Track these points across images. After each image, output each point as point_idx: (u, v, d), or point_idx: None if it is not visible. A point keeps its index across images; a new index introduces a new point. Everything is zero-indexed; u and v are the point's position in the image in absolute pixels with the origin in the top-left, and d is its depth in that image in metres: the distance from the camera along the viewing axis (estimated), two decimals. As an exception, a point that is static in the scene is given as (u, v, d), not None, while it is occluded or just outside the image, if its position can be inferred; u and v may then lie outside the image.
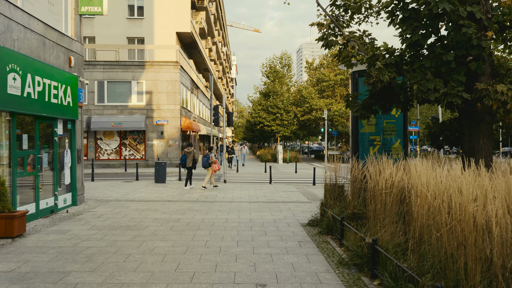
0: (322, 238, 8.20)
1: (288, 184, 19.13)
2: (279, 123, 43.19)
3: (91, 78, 30.64)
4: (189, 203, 12.84)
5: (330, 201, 9.13)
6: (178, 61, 30.81)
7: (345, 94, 8.30)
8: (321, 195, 15.04)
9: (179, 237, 8.19)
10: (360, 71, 11.12)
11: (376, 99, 7.77)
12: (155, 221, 9.86)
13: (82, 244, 7.62)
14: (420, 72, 6.66)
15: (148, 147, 30.88)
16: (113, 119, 30.12)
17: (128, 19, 34.91)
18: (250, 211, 11.42)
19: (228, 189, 16.97)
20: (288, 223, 9.81)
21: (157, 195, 14.85)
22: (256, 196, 14.63)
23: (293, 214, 11.01)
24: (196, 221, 9.89)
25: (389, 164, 6.51)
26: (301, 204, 12.83)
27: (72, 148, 12.26)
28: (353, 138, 11.02)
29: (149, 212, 11.12)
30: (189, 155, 16.87)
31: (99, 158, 31.04)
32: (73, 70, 12.21)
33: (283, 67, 45.36)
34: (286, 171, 29.04)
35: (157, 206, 12.29)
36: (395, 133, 10.66)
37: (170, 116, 30.83)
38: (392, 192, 6.07)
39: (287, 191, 16.18)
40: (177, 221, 9.94)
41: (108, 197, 14.10)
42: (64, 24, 11.88)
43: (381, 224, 6.09)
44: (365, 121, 10.76)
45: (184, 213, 11.09)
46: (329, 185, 9.37)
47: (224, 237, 8.21)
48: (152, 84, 30.80)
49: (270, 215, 10.88)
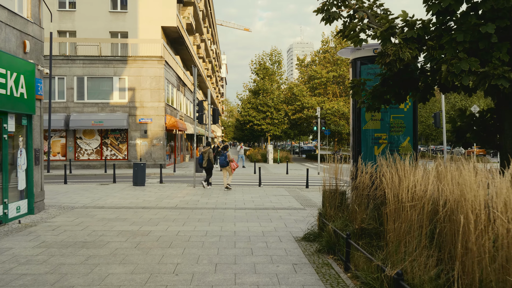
0: (322, 259, 6.60)
1: (279, 187, 17.54)
2: (269, 122, 41.56)
3: (70, 74, 28.86)
4: (166, 211, 11.20)
5: (330, 210, 7.55)
6: (162, 56, 29.08)
7: (350, 80, 6.71)
8: (316, 200, 13.48)
9: (144, 259, 6.56)
10: (363, 58, 9.59)
11: (389, 86, 6.21)
12: (120, 235, 8.21)
13: (16, 270, 5.94)
14: (450, 48, 5.10)
15: (130, 147, 29.13)
16: (93, 117, 28.33)
17: (111, 12, 33.12)
18: (235, 221, 9.80)
19: (213, 193, 15.34)
20: (279, 237, 8.20)
21: (132, 200, 13.17)
22: (243, 202, 13.02)
23: (285, 225, 9.41)
24: (169, 235, 8.26)
25: (413, 169, 4.92)
26: (294, 212, 11.25)
27: (28, 148, 10.55)
28: (354, 136, 9.48)
29: (116, 223, 9.46)
30: (205, 155, 16.13)
31: (79, 159, 29.23)
32: (29, 56, 10.51)
33: (273, 63, 43.66)
34: (276, 172, 27.46)
35: (128, 214, 10.63)
36: (403, 130, 9.13)
37: (154, 114, 29.10)
38: (423, 207, 4.48)
39: (278, 195, 14.58)
40: (146, 234, 8.30)
41: (75, 203, 12.40)
42: (18, 3, 10.17)
43: (405, 249, 4.51)
44: (369, 116, 9.22)
45: (158, 223, 9.44)
46: (328, 191, 7.79)
47: (200, 258, 6.59)
48: (135, 80, 29.04)
49: (258, 226, 9.28)
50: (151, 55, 29.13)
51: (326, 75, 40.88)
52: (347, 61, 41.71)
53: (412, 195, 4.57)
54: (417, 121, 9.49)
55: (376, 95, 6.39)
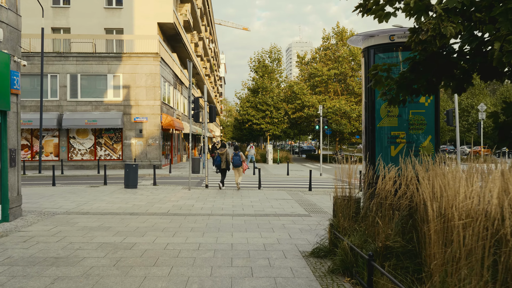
0: (336, 282, 5.48)
1: (280, 190, 16.42)
2: (269, 121, 40.38)
3: (63, 72, 27.74)
4: (156, 217, 10.09)
5: (344, 221, 6.45)
6: (158, 53, 27.95)
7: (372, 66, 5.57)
8: (321, 205, 12.38)
9: (121, 282, 5.44)
10: (377, 46, 8.51)
11: (419, 72, 5.10)
12: (99, 249, 7.10)
13: (-38, 299, 4.86)
14: (505, 22, 4.01)
15: (125, 147, 28.00)
16: (87, 116, 27.20)
17: (106, 8, 32.01)
18: (233, 230, 8.69)
19: (209, 196, 14.24)
20: (284, 251, 7.09)
21: (120, 205, 12.06)
22: (242, 207, 11.92)
23: (289, 236, 8.29)
24: (156, 249, 7.15)
25: (465, 175, 3.80)
26: (299, 219, 10.14)
27: (2, 148, 9.43)
28: (367, 135, 8.38)
29: (98, 233, 8.35)
30: (223, 156, 16.14)
31: (72, 159, 28.09)
32: (3, 46, 9.39)
33: (272, 61, 42.46)
34: (277, 173, 26.35)
35: (114, 222, 9.52)
36: (424, 127, 8.03)
37: (149, 113, 27.98)
38: (483, 228, 3.35)
39: (279, 199, 13.47)
40: (130, 248, 7.19)
41: (58, 209, 11.28)
42: (-11, -15, 9.07)
43: (459, 284, 3.39)
44: (385, 112, 8.14)
45: (145, 233, 8.33)
46: (341, 198, 6.68)
47: (189, 282, 5.47)
48: (130, 77, 27.91)
49: (259, 237, 8.16)
50: (146, 52, 28.02)
51: (327, 72, 39.77)
52: (349, 58, 40.61)
53: (467, 211, 3.46)
54: (439, 118, 8.40)
55: (403, 84, 5.28)
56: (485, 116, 20.19)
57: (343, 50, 40.92)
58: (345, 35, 41.92)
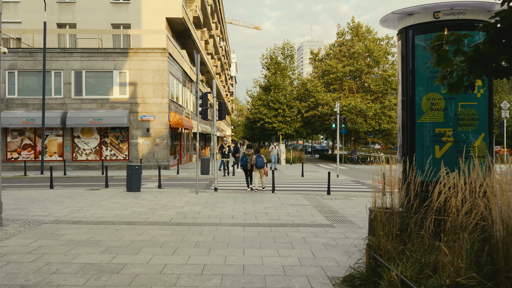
0: (384, 329, 4.09)
1: (295, 193, 14.99)
2: (281, 120, 38.88)
3: (68, 68, 26.63)
4: (155, 228, 8.75)
5: (387, 242, 5.03)
6: (166, 48, 26.69)
7: (436, 37, 4.08)
8: (343, 212, 10.95)
9: (97, 326, 4.11)
10: (417, 26, 7.09)
11: (501, 45, 3.68)
12: (80, 272, 5.75)
13: None
14: None
15: (132, 146, 26.80)
16: (92, 114, 26.05)
17: (113, 3, 30.93)
18: (244, 246, 7.30)
19: (218, 200, 12.88)
20: (308, 277, 5.65)
21: (118, 212, 10.76)
22: (255, 214, 10.53)
23: (312, 254, 6.86)
24: (150, 273, 5.78)
25: None
26: (321, 231, 8.71)
27: (-23, 148, 8.18)
28: (405, 132, 6.97)
29: (84, 249, 7.02)
30: (249, 158, 16.05)
31: (77, 159, 26.99)
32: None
33: (285, 58, 40.91)
34: (291, 174, 24.91)
35: (106, 234, 8.20)
36: (476, 123, 6.57)
37: (157, 111, 26.74)
38: None
39: (296, 205, 12.06)
40: (117, 271, 5.83)
41: (47, 217, 10.00)
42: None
43: None
44: (428, 105, 6.69)
45: (139, 250, 6.98)
46: (382, 212, 5.26)
47: (186, 327, 4.12)
48: (137, 74, 26.70)
49: (276, 255, 6.75)
50: (154, 47, 26.77)
51: (342, 69, 38.21)
52: (365, 54, 38.97)
53: None
54: (492, 112, 6.93)
55: (475, 61, 3.84)
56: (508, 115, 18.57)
57: (359, 46, 39.31)
58: (361, 30, 40.31)
